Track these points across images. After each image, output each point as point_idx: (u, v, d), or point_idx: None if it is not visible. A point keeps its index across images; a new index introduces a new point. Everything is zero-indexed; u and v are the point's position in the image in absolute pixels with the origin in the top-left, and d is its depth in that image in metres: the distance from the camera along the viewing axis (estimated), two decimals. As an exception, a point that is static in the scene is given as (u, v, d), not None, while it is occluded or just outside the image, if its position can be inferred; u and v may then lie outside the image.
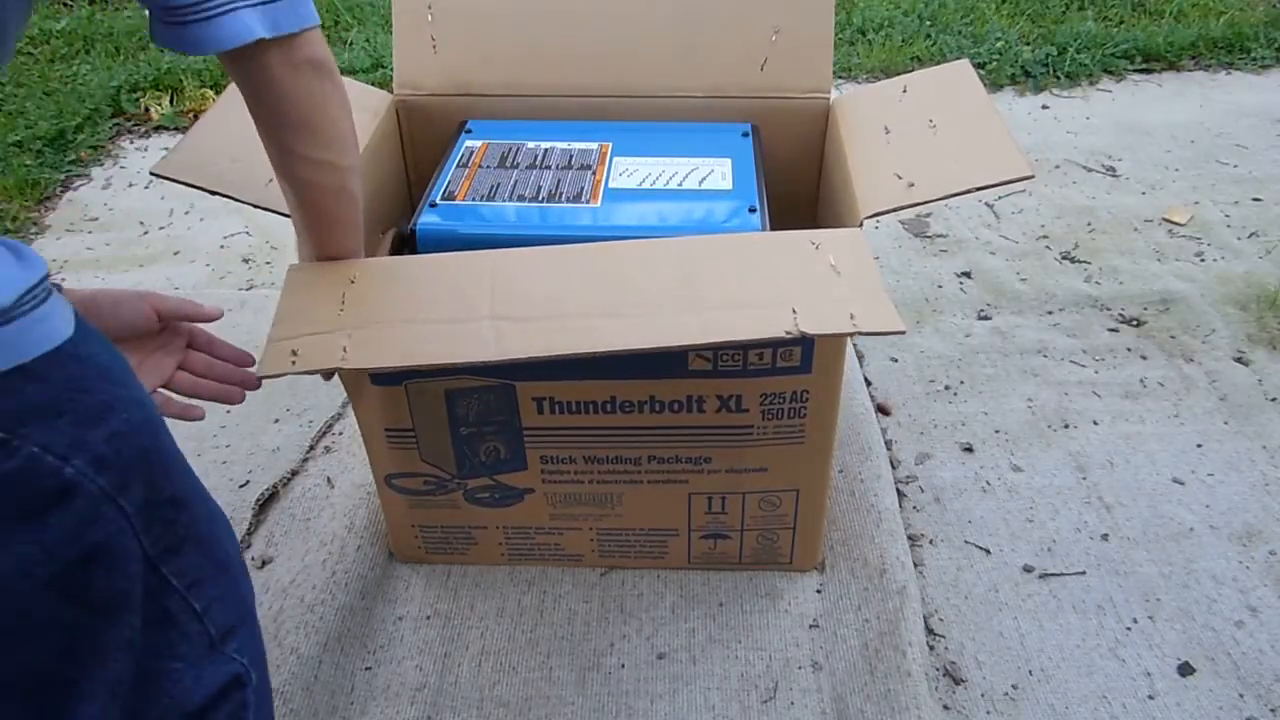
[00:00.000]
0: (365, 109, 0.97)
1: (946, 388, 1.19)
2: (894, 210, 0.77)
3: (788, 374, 0.77)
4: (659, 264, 0.71)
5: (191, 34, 0.54)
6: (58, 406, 0.43)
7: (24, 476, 0.42)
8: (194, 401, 0.73)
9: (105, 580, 0.46)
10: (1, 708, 0.47)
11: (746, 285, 0.69)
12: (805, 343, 0.74)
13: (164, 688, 0.51)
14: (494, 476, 0.86)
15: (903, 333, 0.65)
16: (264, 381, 0.70)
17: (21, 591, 0.43)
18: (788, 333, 0.64)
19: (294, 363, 0.65)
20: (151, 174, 0.78)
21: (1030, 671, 0.86)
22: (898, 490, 1.04)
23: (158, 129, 1.83)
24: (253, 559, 0.97)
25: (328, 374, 1.02)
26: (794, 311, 0.66)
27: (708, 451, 0.83)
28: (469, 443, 0.83)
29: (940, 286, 1.37)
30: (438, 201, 0.87)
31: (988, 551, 0.98)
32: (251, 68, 0.58)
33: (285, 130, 0.63)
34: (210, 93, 1.89)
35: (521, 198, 0.87)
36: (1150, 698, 0.84)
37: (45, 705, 0.47)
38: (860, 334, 0.65)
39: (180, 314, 0.73)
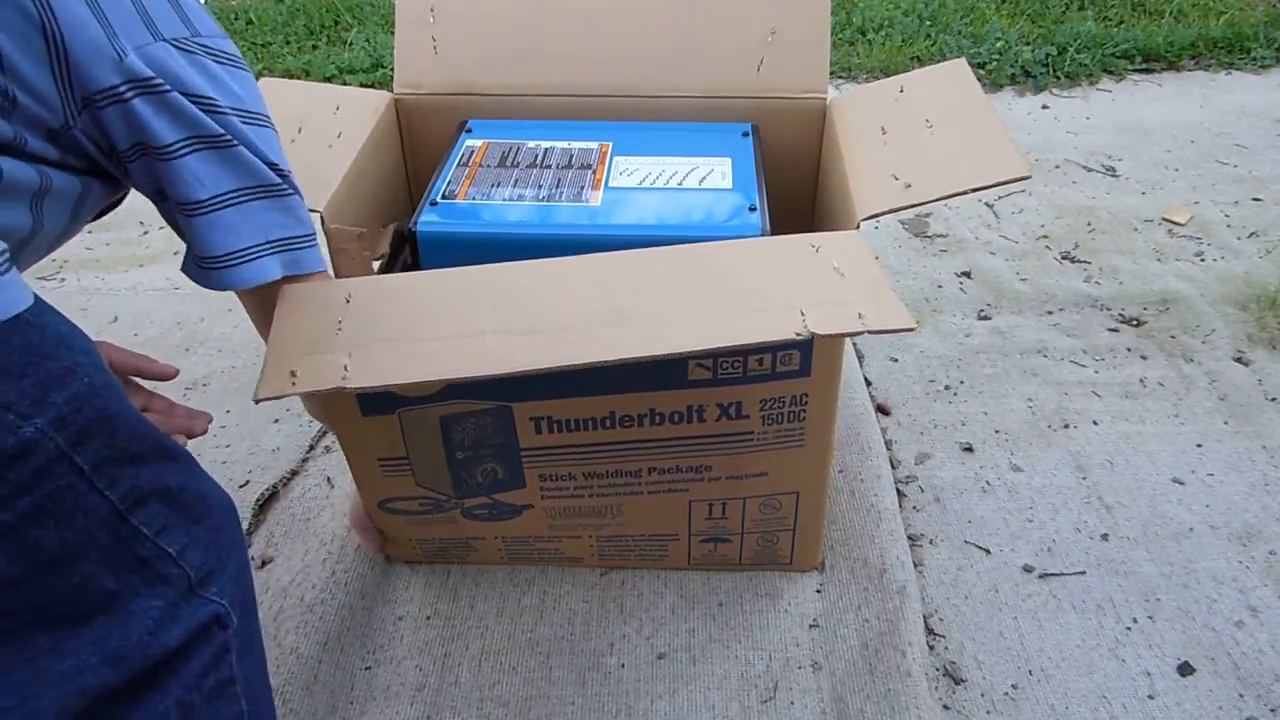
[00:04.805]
0: (365, 108, 0.97)
1: (946, 388, 1.19)
2: (890, 212, 0.77)
3: (787, 378, 0.76)
4: (661, 274, 0.70)
5: (220, 277, 0.63)
6: (20, 368, 0.46)
7: None
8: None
9: (55, 533, 0.49)
10: None
11: (751, 290, 0.69)
12: (804, 346, 0.74)
13: (145, 625, 0.53)
14: (492, 495, 0.85)
15: (912, 329, 0.65)
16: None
17: None
18: (798, 334, 0.64)
19: (294, 384, 0.63)
20: None
21: (1030, 671, 0.86)
22: (898, 490, 1.04)
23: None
24: (253, 559, 0.97)
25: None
26: (802, 314, 0.65)
27: (708, 460, 0.82)
28: (465, 466, 0.82)
29: (940, 286, 1.37)
30: (438, 201, 0.87)
31: (988, 551, 0.98)
32: (266, 299, 0.67)
33: None
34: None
35: (522, 197, 0.86)
36: (1150, 698, 0.84)
37: (12, 661, 0.49)
38: (870, 333, 0.65)
39: (133, 368, 0.80)
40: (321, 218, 0.81)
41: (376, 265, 0.92)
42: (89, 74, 0.54)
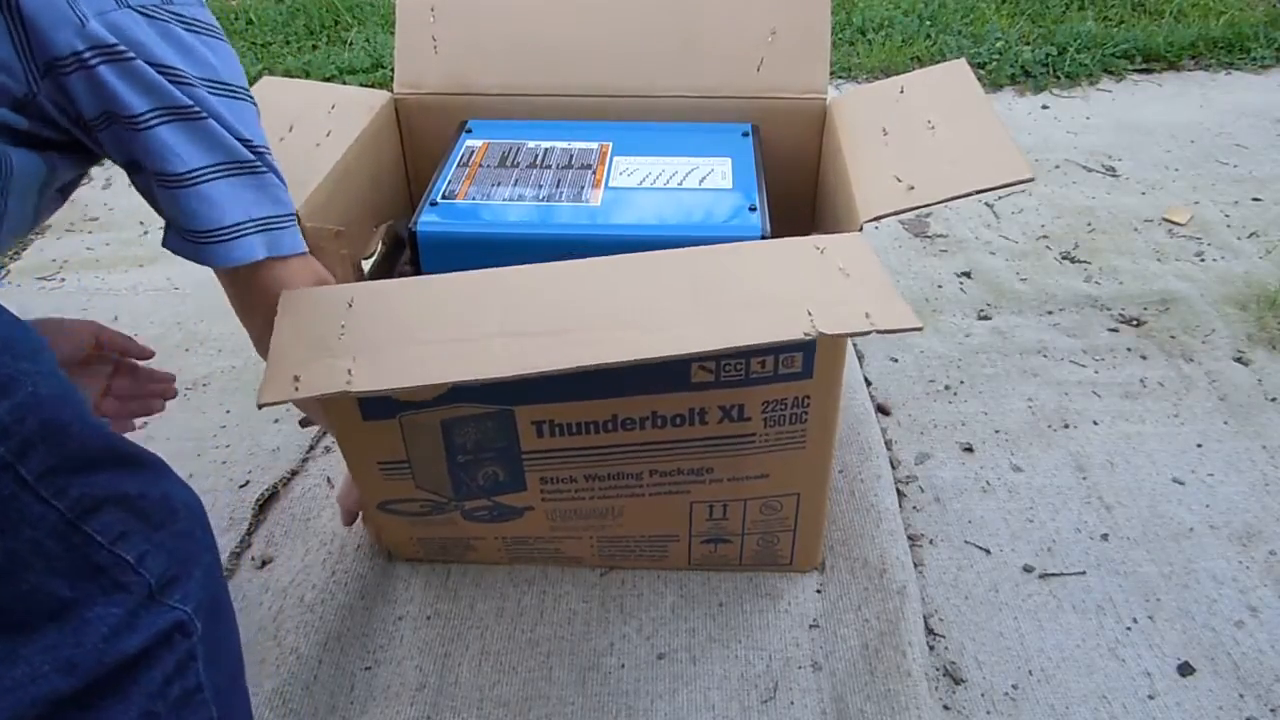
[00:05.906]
0: (360, 107, 0.97)
1: (946, 388, 1.19)
2: (895, 214, 0.77)
3: (790, 380, 0.76)
4: (666, 276, 0.70)
5: (205, 252, 0.62)
6: None
7: None
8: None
9: (0, 542, 0.48)
10: None
11: (757, 291, 0.68)
12: (807, 348, 0.74)
13: (100, 632, 0.52)
14: (492, 498, 0.85)
15: (919, 329, 0.65)
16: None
17: None
18: (806, 334, 0.64)
19: (297, 388, 0.63)
20: None
21: (1030, 671, 0.86)
22: (898, 490, 1.04)
23: (157, 129, 1.83)
24: (253, 559, 0.97)
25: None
26: (809, 314, 0.65)
27: (709, 462, 0.82)
28: (466, 469, 0.82)
29: (940, 286, 1.37)
30: (438, 201, 0.87)
31: (988, 551, 0.98)
32: (250, 281, 0.66)
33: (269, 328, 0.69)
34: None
35: (522, 197, 0.87)
36: (1150, 698, 0.84)
37: None
38: (877, 332, 0.65)
39: (117, 347, 0.84)
40: (297, 216, 0.81)
41: (367, 265, 0.92)
42: (49, 39, 0.53)
